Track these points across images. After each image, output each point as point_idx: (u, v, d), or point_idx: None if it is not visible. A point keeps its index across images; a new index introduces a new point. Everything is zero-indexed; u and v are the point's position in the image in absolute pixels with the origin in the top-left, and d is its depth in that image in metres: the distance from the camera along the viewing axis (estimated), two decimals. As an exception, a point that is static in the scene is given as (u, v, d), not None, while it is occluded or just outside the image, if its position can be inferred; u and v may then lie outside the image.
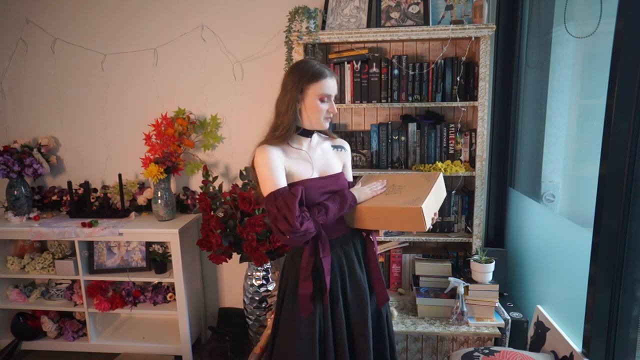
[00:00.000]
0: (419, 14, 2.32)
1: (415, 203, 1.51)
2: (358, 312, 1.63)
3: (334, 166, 1.70)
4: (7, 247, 2.84)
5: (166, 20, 2.68)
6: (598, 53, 1.80)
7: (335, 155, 1.73)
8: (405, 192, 1.61)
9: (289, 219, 1.44)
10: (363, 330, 1.62)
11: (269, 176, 1.51)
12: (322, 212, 1.51)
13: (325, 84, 1.56)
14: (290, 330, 1.60)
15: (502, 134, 2.50)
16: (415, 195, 1.55)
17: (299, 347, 1.58)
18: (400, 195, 1.60)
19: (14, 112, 2.90)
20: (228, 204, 2.39)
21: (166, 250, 2.67)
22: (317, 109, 1.57)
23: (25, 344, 2.77)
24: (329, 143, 1.75)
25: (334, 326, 1.62)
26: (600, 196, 1.52)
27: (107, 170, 2.91)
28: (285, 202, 1.46)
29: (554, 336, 1.91)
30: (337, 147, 1.76)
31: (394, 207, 1.54)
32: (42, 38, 2.77)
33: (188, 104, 2.76)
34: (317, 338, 1.60)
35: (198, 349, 2.82)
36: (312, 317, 1.59)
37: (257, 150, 1.56)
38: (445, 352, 2.24)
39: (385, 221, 1.59)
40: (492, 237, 2.62)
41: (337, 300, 1.61)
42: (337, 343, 1.61)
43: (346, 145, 1.80)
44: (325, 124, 1.62)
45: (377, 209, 1.58)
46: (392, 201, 1.57)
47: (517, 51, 2.37)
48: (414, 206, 1.49)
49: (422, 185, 1.61)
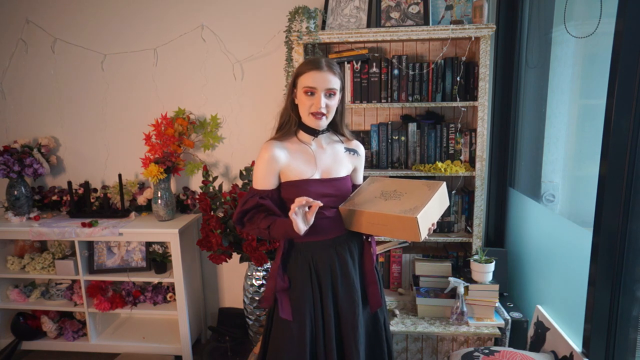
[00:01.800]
0: (419, 14, 2.32)
1: (411, 212, 1.46)
2: (349, 316, 1.59)
3: (340, 170, 1.64)
4: (7, 247, 2.84)
5: (166, 20, 2.68)
6: (598, 53, 1.80)
7: (346, 158, 1.67)
8: (405, 199, 1.56)
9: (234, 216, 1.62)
10: (354, 335, 1.58)
11: (256, 174, 1.59)
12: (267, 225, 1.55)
13: (310, 75, 1.49)
14: (282, 331, 1.59)
15: (502, 134, 2.50)
16: (414, 204, 1.51)
17: (290, 348, 1.57)
18: (399, 202, 1.55)
19: (14, 112, 2.90)
20: (228, 204, 2.39)
21: (166, 250, 2.67)
22: (302, 102, 1.53)
23: (25, 344, 2.77)
24: (343, 145, 1.68)
25: (324, 329, 1.60)
26: (600, 196, 1.52)
27: (107, 170, 2.91)
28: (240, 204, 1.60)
29: (554, 336, 1.91)
30: (351, 151, 1.69)
31: (390, 214, 1.50)
32: (42, 38, 2.77)
33: (188, 104, 2.76)
34: (309, 339, 1.59)
35: (198, 349, 2.82)
36: (303, 318, 1.58)
37: (263, 145, 1.58)
38: (445, 352, 2.24)
39: (381, 227, 1.54)
40: (492, 237, 2.62)
41: (327, 303, 1.59)
42: (327, 346, 1.60)
43: (360, 150, 1.72)
44: (314, 121, 1.53)
45: (374, 214, 1.54)
46: (390, 208, 1.53)
47: (517, 51, 2.37)
48: (410, 215, 1.45)
49: (423, 193, 1.56)
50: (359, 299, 1.62)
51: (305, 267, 1.60)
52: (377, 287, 1.67)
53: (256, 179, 1.58)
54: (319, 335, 1.59)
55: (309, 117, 1.54)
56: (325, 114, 1.53)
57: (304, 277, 1.60)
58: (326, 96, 1.52)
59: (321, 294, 1.60)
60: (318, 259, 1.60)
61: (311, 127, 1.57)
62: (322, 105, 1.51)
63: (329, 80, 1.50)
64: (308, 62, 1.54)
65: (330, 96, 1.53)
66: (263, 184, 1.57)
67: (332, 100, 1.54)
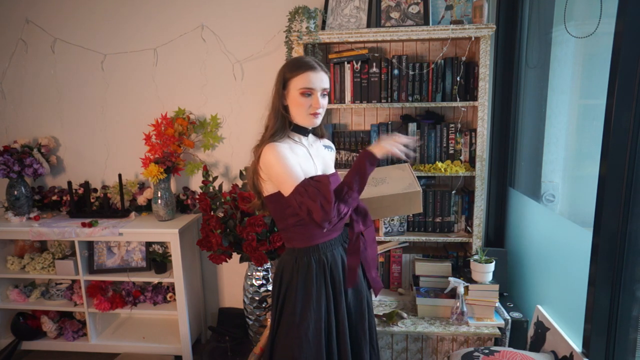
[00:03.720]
0: (419, 14, 2.32)
1: (412, 187, 1.78)
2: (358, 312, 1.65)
3: (331, 165, 1.71)
4: (7, 247, 2.84)
5: (166, 20, 2.68)
6: (598, 53, 1.79)
7: (328, 154, 1.73)
8: (391, 181, 1.82)
9: (325, 207, 1.39)
10: (362, 324, 1.65)
11: (288, 171, 1.45)
12: (345, 191, 1.45)
13: (306, 76, 1.50)
14: (296, 335, 1.54)
15: (502, 134, 2.50)
16: (406, 182, 1.80)
17: (307, 352, 1.54)
18: (391, 185, 1.80)
19: (14, 112, 2.90)
20: (228, 204, 2.39)
21: (166, 250, 2.67)
22: (299, 103, 1.52)
23: (25, 344, 2.77)
24: (320, 142, 1.72)
25: (337, 327, 1.60)
26: (600, 196, 1.52)
27: (107, 170, 2.91)
28: (319, 191, 1.41)
29: (554, 336, 1.91)
30: (328, 147, 1.75)
31: (396, 193, 1.77)
32: (42, 38, 2.77)
33: (188, 104, 2.76)
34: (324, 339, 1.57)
35: (198, 349, 2.82)
36: (317, 317, 1.56)
37: (265, 149, 1.49)
38: (445, 352, 2.24)
39: (386, 209, 1.79)
40: (492, 237, 2.62)
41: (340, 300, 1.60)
42: (340, 345, 1.60)
43: (333, 146, 1.83)
44: (313, 121, 1.55)
45: (377, 199, 1.76)
46: (388, 190, 1.79)
47: (517, 51, 2.37)
48: (414, 190, 1.77)
49: (401, 173, 1.87)
50: (366, 291, 1.69)
51: (320, 265, 1.59)
52: (377, 271, 1.77)
53: (289, 174, 1.45)
54: (332, 334, 1.59)
55: (308, 117, 1.54)
56: (320, 113, 1.56)
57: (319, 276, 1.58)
58: (322, 95, 1.54)
59: (335, 293, 1.60)
60: (331, 259, 1.61)
61: (305, 126, 1.58)
62: (320, 105, 1.53)
63: (323, 80, 1.54)
64: (300, 64, 1.53)
65: (324, 96, 1.56)
66: (298, 173, 1.46)
67: (325, 99, 1.57)
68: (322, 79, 1.53)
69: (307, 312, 1.55)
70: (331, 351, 1.59)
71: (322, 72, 1.53)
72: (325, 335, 1.58)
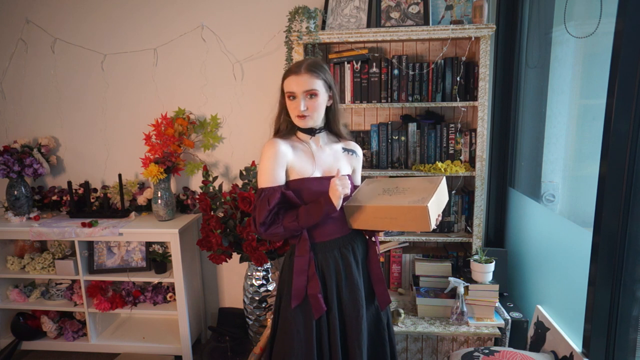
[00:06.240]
0: (419, 14, 2.32)
1: (421, 202, 1.51)
2: (353, 318, 1.61)
3: (342, 167, 1.68)
4: (7, 247, 2.84)
5: (166, 20, 2.68)
6: (598, 53, 1.79)
7: (344, 157, 1.71)
8: (409, 193, 1.60)
9: (256, 220, 1.54)
10: (357, 337, 1.60)
11: (265, 171, 1.55)
12: (293, 219, 1.53)
13: (289, 81, 1.57)
14: (288, 331, 1.60)
15: (502, 134, 2.50)
16: (421, 196, 1.55)
17: (297, 348, 1.58)
18: (405, 196, 1.59)
19: (14, 112, 2.90)
20: (228, 204, 2.39)
21: (166, 250, 2.67)
22: (288, 106, 1.60)
23: (25, 344, 2.77)
24: (341, 145, 1.72)
25: (329, 330, 1.61)
26: (600, 196, 1.52)
27: (107, 170, 2.91)
28: (260, 206, 1.53)
29: (554, 336, 1.91)
30: (349, 151, 1.74)
31: (400, 206, 1.54)
32: (42, 38, 2.77)
33: (188, 104, 2.76)
34: (315, 338, 1.59)
35: (198, 349, 2.82)
36: (308, 318, 1.59)
37: (267, 143, 1.59)
38: (445, 352, 2.24)
39: (390, 221, 1.58)
40: (492, 237, 2.62)
41: (331, 304, 1.60)
42: (332, 348, 1.61)
43: (358, 151, 1.78)
44: (300, 122, 1.59)
45: (382, 208, 1.57)
46: (398, 201, 1.57)
47: (517, 51, 2.37)
48: (420, 205, 1.50)
49: (426, 187, 1.61)
50: (363, 300, 1.64)
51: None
52: (385, 285, 1.71)
53: (265, 176, 1.55)
54: (324, 339, 1.60)
55: (296, 119, 1.60)
56: (307, 115, 1.57)
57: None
58: (306, 98, 1.56)
59: (326, 295, 1.61)
60: (323, 260, 1.61)
61: (300, 127, 1.63)
62: (302, 107, 1.55)
63: (306, 83, 1.55)
64: (289, 69, 1.61)
65: (312, 97, 1.56)
66: (272, 179, 1.55)
67: (313, 100, 1.57)
68: (305, 81, 1.54)
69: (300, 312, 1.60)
70: (322, 352, 1.61)
71: (305, 75, 1.54)
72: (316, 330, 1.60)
